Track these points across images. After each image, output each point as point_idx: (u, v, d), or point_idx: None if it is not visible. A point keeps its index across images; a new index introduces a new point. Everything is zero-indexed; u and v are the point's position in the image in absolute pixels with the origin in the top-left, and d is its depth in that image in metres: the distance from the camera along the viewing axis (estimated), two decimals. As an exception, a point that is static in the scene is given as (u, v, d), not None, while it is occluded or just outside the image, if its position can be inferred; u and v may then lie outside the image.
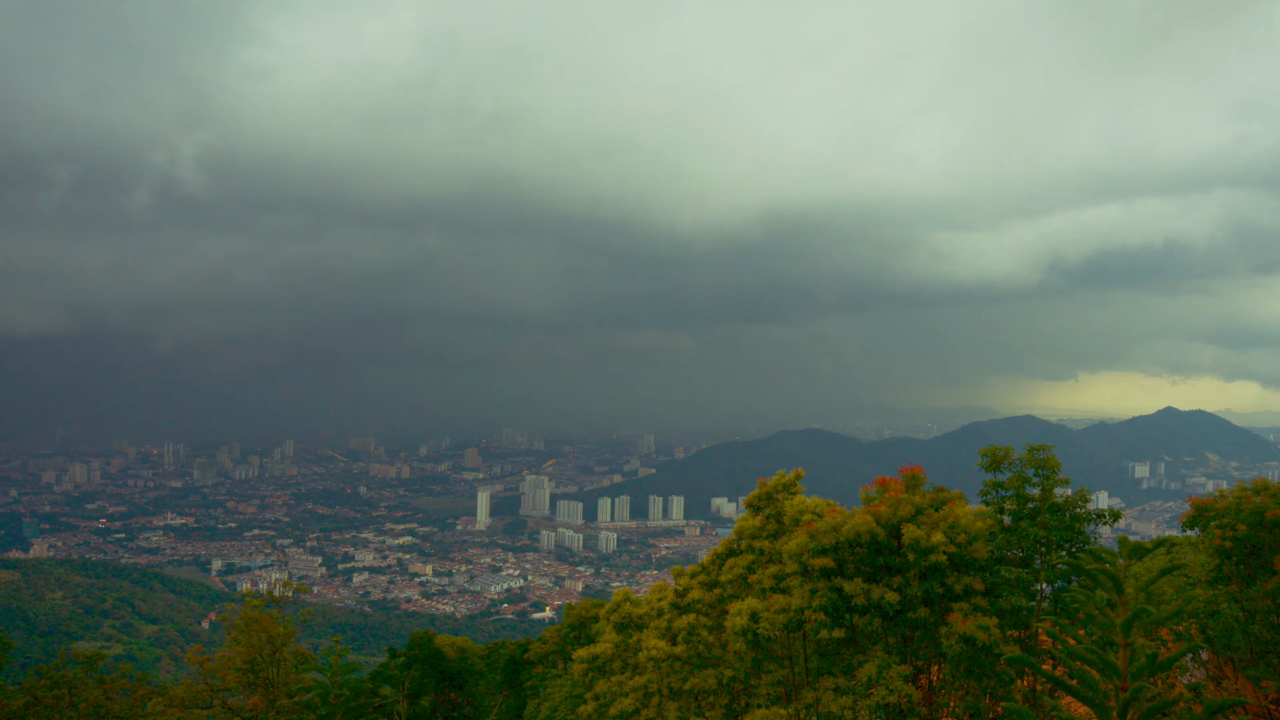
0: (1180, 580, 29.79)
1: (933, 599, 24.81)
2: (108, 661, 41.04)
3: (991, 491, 28.00)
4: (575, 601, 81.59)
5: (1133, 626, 16.22)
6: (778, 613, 25.22)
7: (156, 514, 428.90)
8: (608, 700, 31.22)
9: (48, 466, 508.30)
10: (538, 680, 62.29)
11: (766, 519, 29.88)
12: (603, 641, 34.01)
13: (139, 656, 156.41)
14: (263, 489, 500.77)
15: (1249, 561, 27.58)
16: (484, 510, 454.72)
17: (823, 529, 25.19)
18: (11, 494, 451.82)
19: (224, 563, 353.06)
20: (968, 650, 23.60)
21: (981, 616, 23.80)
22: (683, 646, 29.11)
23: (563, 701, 48.93)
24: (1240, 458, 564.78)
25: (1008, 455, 28.00)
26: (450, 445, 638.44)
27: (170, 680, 63.87)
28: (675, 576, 33.56)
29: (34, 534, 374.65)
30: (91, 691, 37.22)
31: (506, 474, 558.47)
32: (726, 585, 30.05)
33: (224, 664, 35.65)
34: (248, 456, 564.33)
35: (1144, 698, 15.35)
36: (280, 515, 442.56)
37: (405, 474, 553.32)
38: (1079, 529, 26.70)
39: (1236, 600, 27.48)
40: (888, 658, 24.19)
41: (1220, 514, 27.60)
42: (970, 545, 24.96)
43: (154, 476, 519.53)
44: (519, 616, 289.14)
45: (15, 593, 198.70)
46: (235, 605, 37.89)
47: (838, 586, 24.57)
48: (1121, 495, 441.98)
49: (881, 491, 26.73)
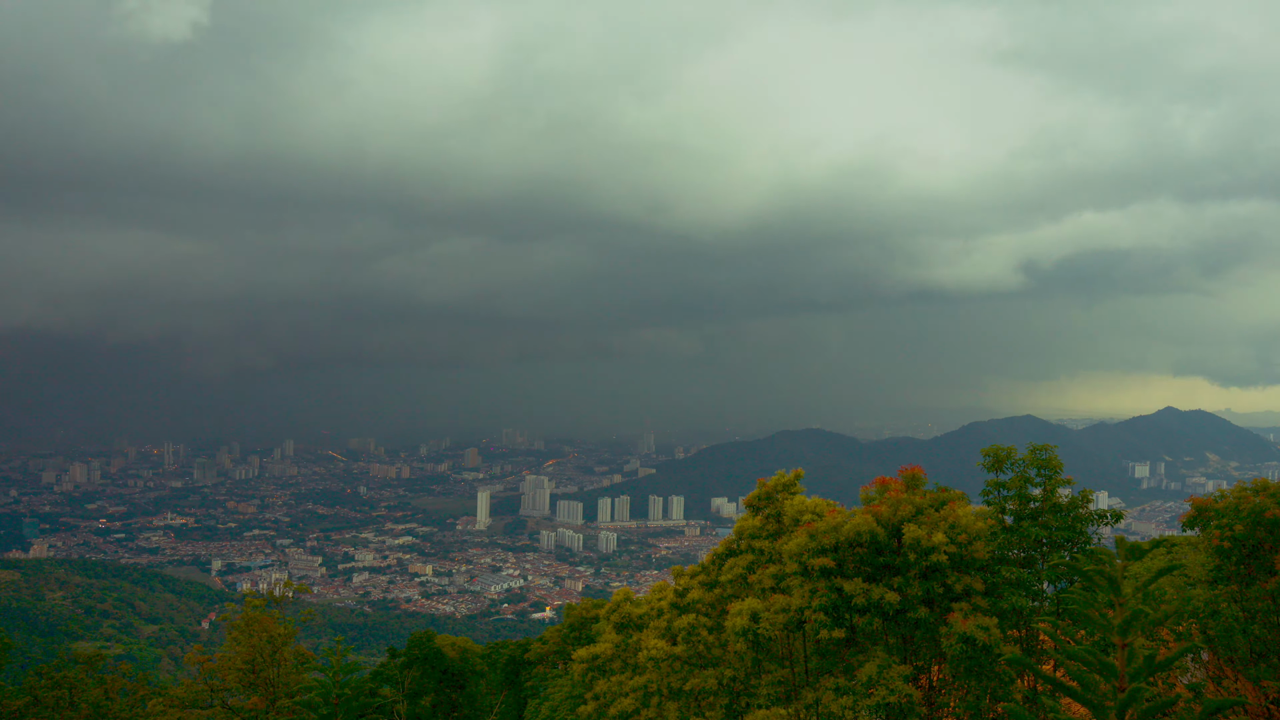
0: (1180, 580, 29.81)
1: (933, 599, 24.85)
2: (108, 662, 41.04)
3: (993, 491, 28.01)
4: (575, 601, 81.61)
5: (1130, 627, 16.24)
6: (778, 613, 25.25)
7: (156, 514, 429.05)
8: (608, 700, 31.21)
9: (48, 466, 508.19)
10: (538, 680, 62.33)
11: (766, 519, 29.92)
12: (603, 641, 34.01)
13: (139, 656, 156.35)
14: (263, 489, 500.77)
15: (1249, 561, 27.61)
16: (484, 510, 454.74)
17: (823, 529, 25.23)
18: (11, 494, 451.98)
19: (224, 563, 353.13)
20: (968, 650, 23.62)
21: (982, 616, 23.83)
22: (683, 646, 29.14)
23: (563, 701, 48.99)
24: (1240, 458, 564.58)
25: (1010, 455, 28.00)
26: (450, 445, 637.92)
27: (170, 680, 63.85)
28: (675, 576, 33.58)
29: (34, 534, 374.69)
30: (92, 692, 37.22)
31: (506, 474, 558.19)
32: (726, 585, 30.08)
33: (224, 664, 35.61)
34: (248, 456, 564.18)
35: (1141, 698, 15.37)
36: (280, 515, 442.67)
37: (405, 474, 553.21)
38: (1081, 529, 26.71)
39: (1236, 600, 27.50)
40: (888, 658, 24.23)
41: (1220, 514, 27.61)
42: (971, 545, 25.00)
43: (154, 476, 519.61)
44: (519, 616, 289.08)
45: (15, 593, 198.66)
46: (235, 605, 37.87)
47: (838, 586, 24.61)
48: (1121, 495, 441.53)
49: (882, 491, 26.79)
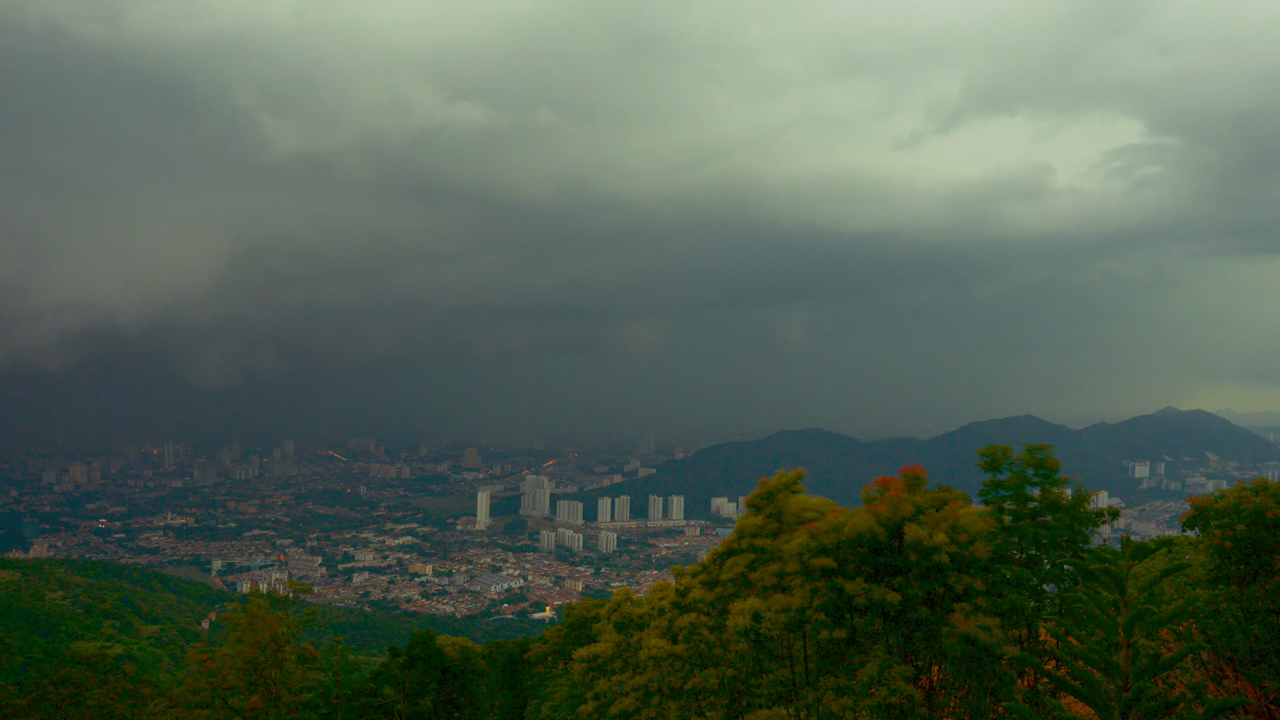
0: (1181, 580, 29.83)
1: (934, 599, 24.84)
2: (110, 662, 41.09)
3: (991, 491, 28.00)
4: (575, 601, 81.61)
5: (1135, 627, 16.25)
6: (779, 612, 25.25)
7: (156, 514, 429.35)
8: (608, 699, 31.21)
9: (48, 466, 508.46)
10: (538, 680, 62.32)
11: (767, 518, 29.90)
12: (603, 641, 33.99)
13: (139, 656, 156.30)
14: (263, 489, 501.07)
15: (1249, 561, 27.62)
16: (484, 510, 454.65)
17: (824, 528, 25.23)
18: (11, 494, 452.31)
19: (224, 563, 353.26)
20: (969, 650, 23.61)
21: (983, 616, 23.80)
22: (684, 646, 29.13)
23: (563, 701, 49.01)
24: (1240, 458, 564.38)
25: (1007, 455, 27.96)
26: (450, 445, 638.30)
27: (171, 680, 63.88)
28: (676, 576, 33.56)
29: (34, 534, 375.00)
30: (96, 691, 37.26)
31: (506, 474, 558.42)
32: (727, 584, 30.06)
33: (226, 664, 35.66)
34: (248, 456, 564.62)
35: (1146, 697, 15.39)
36: (280, 515, 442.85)
37: (405, 474, 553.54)
38: (1080, 529, 26.68)
39: (1236, 600, 27.50)
40: (889, 658, 24.22)
41: (1221, 514, 27.61)
42: (972, 545, 24.98)
43: (154, 476, 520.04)
44: (519, 616, 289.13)
45: (15, 593, 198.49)
46: (236, 605, 37.92)
47: (839, 586, 24.60)
48: (1121, 495, 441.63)
49: (882, 491, 26.76)
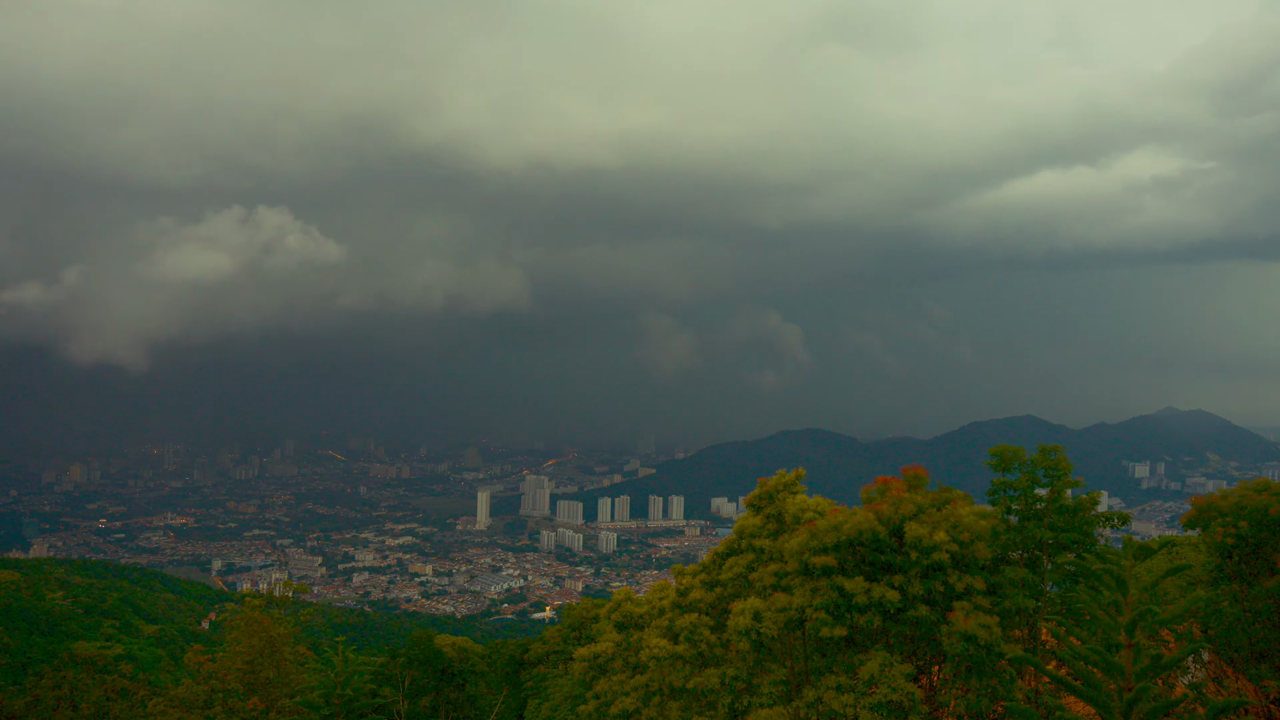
0: (1182, 580, 29.79)
1: (934, 598, 24.79)
2: (109, 662, 41.03)
3: (1000, 491, 27.90)
4: (575, 601, 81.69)
5: (1137, 627, 16.21)
6: (779, 611, 25.24)
7: (156, 514, 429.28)
8: (609, 699, 31.17)
9: (48, 466, 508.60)
10: (538, 680, 62.29)
11: (767, 518, 29.87)
12: (604, 640, 33.93)
13: (139, 656, 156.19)
14: (263, 489, 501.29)
15: (1251, 560, 27.58)
16: (484, 510, 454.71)
17: (824, 527, 25.20)
18: (11, 494, 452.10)
19: (224, 563, 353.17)
20: (969, 649, 23.57)
21: (983, 615, 23.75)
22: (685, 645, 29.10)
23: (563, 701, 49.00)
24: (1240, 458, 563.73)
25: (1018, 455, 27.83)
26: (450, 445, 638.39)
27: (171, 680, 63.86)
28: (676, 576, 33.52)
29: (34, 534, 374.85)
30: (94, 693, 37.20)
31: (506, 474, 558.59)
32: (728, 584, 30.04)
33: (224, 665, 35.59)
34: (248, 456, 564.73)
35: (1148, 698, 15.34)
36: (280, 515, 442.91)
37: (405, 474, 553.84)
38: (1087, 531, 26.59)
39: (1238, 600, 27.47)
40: (889, 656, 24.18)
41: (1224, 512, 27.55)
42: (972, 545, 24.94)
43: (154, 476, 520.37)
44: (519, 616, 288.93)
45: (15, 593, 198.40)
46: (236, 605, 37.86)
47: (839, 585, 24.56)
48: (1121, 495, 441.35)
49: (883, 491, 26.72)
